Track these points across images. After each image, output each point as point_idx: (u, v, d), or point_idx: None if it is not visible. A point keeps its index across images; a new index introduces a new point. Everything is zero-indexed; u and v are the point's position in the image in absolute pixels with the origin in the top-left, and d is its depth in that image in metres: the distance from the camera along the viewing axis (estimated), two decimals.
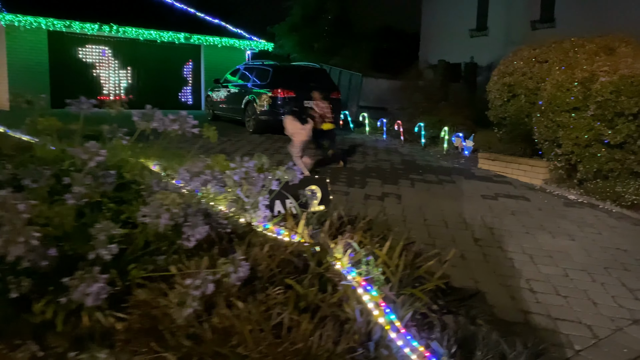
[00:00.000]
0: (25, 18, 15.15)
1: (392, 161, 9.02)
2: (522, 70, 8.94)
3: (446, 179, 7.75)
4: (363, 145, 10.89)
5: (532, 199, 6.94)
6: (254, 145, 9.86)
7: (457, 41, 26.09)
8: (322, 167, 7.95)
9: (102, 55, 17.30)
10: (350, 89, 14.79)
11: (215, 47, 20.05)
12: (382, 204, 6.08)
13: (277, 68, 11.49)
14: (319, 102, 8.52)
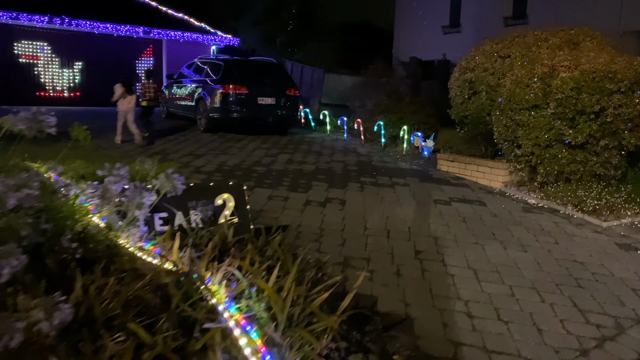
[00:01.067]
0: None
1: (346, 162, 8.49)
2: (484, 66, 8.50)
3: (399, 182, 7.24)
4: (321, 144, 10.34)
5: (489, 204, 6.47)
6: (200, 145, 9.22)
7: (430, 38, 25.79)
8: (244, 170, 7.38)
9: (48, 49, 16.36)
10: (312, 85, 14.23)
11: (177, 42, 19.29)
12: (322, 211, 5.52)
13: (230, 62, 10.87)
14: (144, 82, 10.16)
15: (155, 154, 7.90)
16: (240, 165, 7.50)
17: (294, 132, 12.03)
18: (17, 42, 15.92)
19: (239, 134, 10.87)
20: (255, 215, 5.17)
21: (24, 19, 15.29)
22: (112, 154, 7.75)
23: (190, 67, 12.35)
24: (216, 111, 10.43)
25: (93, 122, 10.19)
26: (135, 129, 8.99)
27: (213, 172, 6.93)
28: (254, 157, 8.27)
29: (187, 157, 7.88)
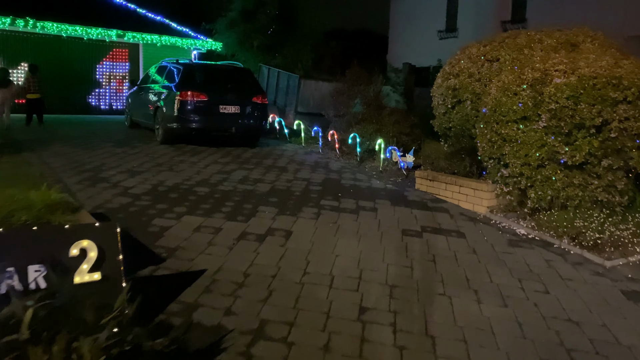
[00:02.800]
0: None
1: (311, 180, 7.47)
2: (469, 71, 7.50)
3: (366, 206, 6.21)
4: (290, 158, 9.33)
5: (469, 235, 5.44)
6: (148, 159, 8.20)
7: (425, 43, 24.94)
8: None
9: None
10: (288, 93, 13.24)
11: (154, 46, 18.34)
12: (256, 248, 4.50)
13: (189, 67, 9.89)
14: (28, 77, 12.48)
15: (83, 171, 6.91)
16: (180, 185, 6.48)
17: (264, 143, 11.02)
18: None
19: (201, 146, 9.85)
20: (167, 255, 4.17)
21: None
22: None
23: (153, 72, 11.36)
24: (173, 120, 9.43)
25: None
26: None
27: (142, 194, 5.91)
28: (203, 175, 7.25)
29: (122, 174, 6.87)
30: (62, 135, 10.61)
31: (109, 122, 14.11)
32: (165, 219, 5.09)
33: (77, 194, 5.66)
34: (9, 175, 6.04)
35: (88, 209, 5.17)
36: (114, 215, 5.04)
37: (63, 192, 5.57)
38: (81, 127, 12.51)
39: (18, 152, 8.16)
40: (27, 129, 11.79)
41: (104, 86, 17.44)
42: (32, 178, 6.02)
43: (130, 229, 4.68)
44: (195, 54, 19.80)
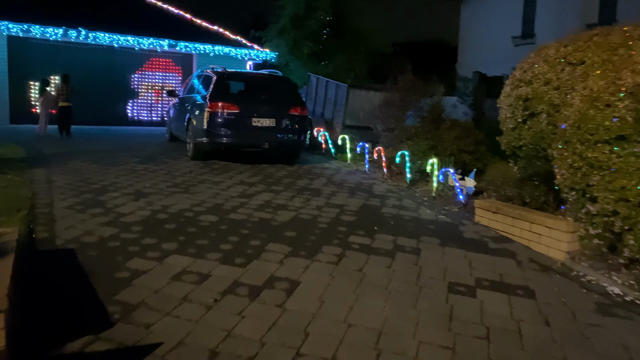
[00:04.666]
0: None
1: (345, 208, 6.32)
2: (546, 77, 6.08)
3: (407, 246, 4.97)
4: (328, 179, 8.23)
5: (541, 294, 4.08)
6: (166, 178, 7.41)
7: (497, 51, 23.13)
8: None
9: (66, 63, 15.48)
10: (336, 103, 12.16)
11: (207, 56, 17.97)
12: (244, 309, 3.43)
13: (222, 76, 9.05)
14: (60, 86, 12.81)
15: (85, 192, 6.16)
16: (185, 212, 5.55)
17: (305, 160, 10.01)
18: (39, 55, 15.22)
19: (233, 163, 9.00)
20: (120, 317, 3.19)
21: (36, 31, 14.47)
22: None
23: (192, 82, 10.70)
24: (202, 134, 8.63)
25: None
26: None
27: (133, 224, 5.01)
28: (219, 198, 6.31)
29: (126, 197, 6.06)
30: (90, 148, 10.15)
31: (151, 135, 13.70)
32: (145, 259, 4.13)
33: (56, 222, 4.85)
34: None
35: (58, 243, 4.33)
36: (84, 253, 4.15)
37: (37, 219, 4.79)
38: (117, 140, 12.12)
39: (31, 167, 7.63)
40: (60, 140, 11.53)
41: (150, 97, 17.24)
42: (15, 201, 5.32)
43: (92, 273, 3.76)
44: (251, 65, 19.29)
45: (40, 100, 12.68)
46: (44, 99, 12.63)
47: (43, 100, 12.61)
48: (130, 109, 17.20)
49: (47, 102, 12.57)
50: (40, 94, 12.76)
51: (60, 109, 12.53)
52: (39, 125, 12.66)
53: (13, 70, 14.96)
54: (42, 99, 12.64)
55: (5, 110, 14.99)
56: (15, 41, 14.87)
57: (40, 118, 12.74)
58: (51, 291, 3.47)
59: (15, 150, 9.20)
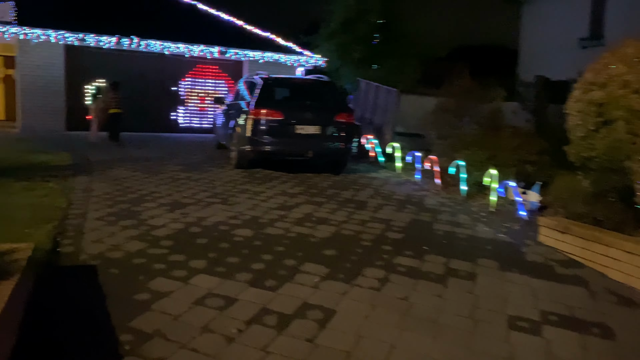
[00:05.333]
0: (33, 31, 14.02)
1: (392, 223, 5.82)
2: (623, 79, 5.39)
3: (461, 269, 4.43)
4: (376, 190, 7.75)
5: (621, 333, 3.45)
6: (207, 187, 7.17)
7: (562, 54, 21.84)
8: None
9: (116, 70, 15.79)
10: (386, 109, 11.63)
11: (257, 63, 17.89)
12: (268, 344, 3.01)
13: (267, 81, 8.75)
14: (110, 94, 12.89)
15: (121, 202, 5.98)
16: (220, 226, 5.24)
17: (353, 170, 9.56)
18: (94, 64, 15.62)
19: (277, 172, 8.69)
20: (130, 349, 2.89)
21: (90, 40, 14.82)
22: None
23: (238, 88, 10.51)
24: (245, 142, 8.37)
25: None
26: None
27: (164, 238, 4.74)
28: (257, 210, 5.97)
29: (161, 208, 5.83)
30: (137, 156, 10.14)
31: (201, 142, 13.67)
32: (169, 279, 3.82)
33: (84, 235, 4.64)
34: (24, 206, 5.26)
35: (82, 258, 4.09)
36: (106, 270, 3.89)
37: (66, 231, 4.59)
38: (166, 147, 12.13)
39: (74, 174, 7.60)
40: (109, 147, 11.64)
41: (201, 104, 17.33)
42: (49, 211, 5.18)
43: (110, 295, 3.47)
44: (302, 71, 19.08)
45: (92, 107, 12.93)
46: (95, 106, 12.87)
47: (94, 108, 12.86)
48: (181, 116, 17.35)
49: (98, 109, 12.81)
50: (92, 101, 13.01)
51: (110, 115, 12.70)
52: (91, 132, 12.89)
53: (69, 78, 15.39)
54: (94, 106, 12.89)
55: (62, 117, 15.41)
56: (71, 50, 15.29)
57: (91, 125, 12.98)
58: (60, 315, 3.20)
59: (63, 158, 9.28)
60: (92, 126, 12.91)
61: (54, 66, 15.18)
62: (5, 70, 18.58)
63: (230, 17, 18.80)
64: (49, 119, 15.17)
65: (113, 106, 12.66)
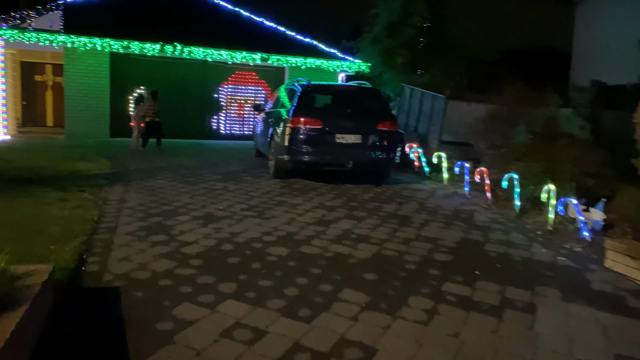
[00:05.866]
0: (79, 39, 14.28)
1: (439, 242, 5.37)
2: None
3: (518, 299, 3.95)
4: (421, 204, 7.29)
5: None
6: (243, 199, 6.92)
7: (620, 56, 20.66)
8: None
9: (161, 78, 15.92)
10: (432, 117, 11.11)
11: (299, 69, 17.69)
12: None
13: (306, 88, 8.44)
14: (150, 102, 12.74)
15: (153, 215, 5.77)
16: (253, 242, 4.94)
17: (396, 180, 9.12)
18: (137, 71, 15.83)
19: (316, 183, 8.36)
20: None
21: (135, 48, 14.97)
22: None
23: (277, 95, 10.27)
24: (283, 152, 8.09)
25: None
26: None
27: (194, 256, 4.47)
28: (294, 226, 5.64)
29: (194, 221, 5.59)
30: (175, 164, 10.03)
31: (241, 150, 13.54)
32: (195, 305, 3.53)
33: (111, 252, 4.43)
34: (54, 218, 5.11)
35: (106, 279, 3.86)
36: (130, 293, 3.64)
37: (93, 247, 4.39)
38: (205, 155, 12.03)
39: (111, 184, 7.50)
40: (149, 155, 11.62)
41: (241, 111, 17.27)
42: (78, 224, 5.01)
43: (131, 322, 3.21)
44: (343, 77, 18.74)
45: (133, 114, 13.01)
46: (136, 113, 12.94)
47: (135, 115, 12.94)
48: (222, 123, 17.33)
49: (138, 117, 12.89)
50: (134, 108, 13.09)
51: (150, 123, 12.74)
52: (132, 139, 12.98)
53: (113, 85, 15.62)
54: (135, 114, 12.97)
55: (106, 123, 15.65)
56: (115, 57, 15.52)
57: (132, 132, 13.06)
58: (73, 346, 2.95)
59: (103, 166, 9.26)
60: (133, 133, 12.98)
61: (100, 74, 15.44)
62: (54, 78, 19.13)
63: (273, 24, 18.73)
64: (93, 125, 15.45)
65: (150, 114, 12.70)
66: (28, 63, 18.95)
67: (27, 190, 6.44)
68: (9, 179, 7.21)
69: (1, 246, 4.15)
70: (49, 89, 19.56)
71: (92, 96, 15.40)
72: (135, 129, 12.99)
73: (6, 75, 15.99)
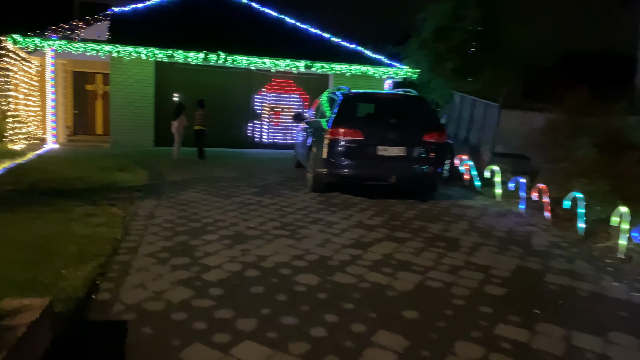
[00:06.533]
0: (124, 48, 14.39)
1: (492, 271, 4.76)
2: None
3: (589, 349, 3.31)
4: (471, 223, 6.66)
5: None
6: (276, 215, 6.50)
7: None
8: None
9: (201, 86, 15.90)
10: (484, 127, 10.37)
11: (343, 76, 17.27)
12: None
13: (347, 98, 7.96)
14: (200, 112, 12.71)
15: (180, 233, 5.44)
16: (280, 268, 4.49)
17: (444, 195, 8.49)
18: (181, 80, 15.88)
19: (356, 197, 7.87)
20: None
21: (179, 56, 14.97)
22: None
23: (319, 104, 9.85)
24: (321, 164, 7.64)
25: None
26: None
27: (215, 284, 4.07)
28: (327, 248, 5.16)
29: (221, 242, 5.21)
30: (213, 175, 9.77)
31: (282, 159, 13.23)
32: (208, 346, 3.11)
33: (127, 277, 4.09)
34: (75, 237, 4.84)
35: (115, 310, 3.51)
36: (137, 329, 3.26)
37: (109, 271, 4.07)
38: (245, 165, 11.77)
39: (143, 197, 7.27)
40: (189, 165, 11.48)
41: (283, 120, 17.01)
42: (98, 244, 4.72)
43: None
44: (390, 84, 18.18)
45: (175, 124, 12.93)
46: (178, 122, 12.87)
47: (178, 124, 12.87)
48: (259, 131, 17.13)
49: (181, 126, 12.84)
50: (175, 117, 13.00)
51: (195, 132, 12.68)
52: (174, 148, 12.91)
53: (158, 94, 15.70)
54: (177, 123, 12.89)
55: (150, 132, 15.73)
56: (160, 66, 15.60)
57: (175, 141, 12.98)
58: None
59: (140, 177, 9.11)
60: (175, 142, 12.92)
61: (145, 83, 15.56)
62: (104, 87, 19.53)
63: (318, 30, 18.41)
64: (138, 134, 15.56)
65: (197, 123, 12.61)
66: (79, 73, 19.46)
67: (56, 204, 6.28)
68: (42, 191, 7.11)
69: (9, 270, 3.89)
70: (98, 97, 20.00)
71: (137, 105, 15.53)
72: (176, 138, 12.94)
73: (58, 84, 16.38)
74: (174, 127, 12.91)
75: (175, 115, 12.92)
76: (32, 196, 6.76)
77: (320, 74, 17.53)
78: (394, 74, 17.51)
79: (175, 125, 12.89)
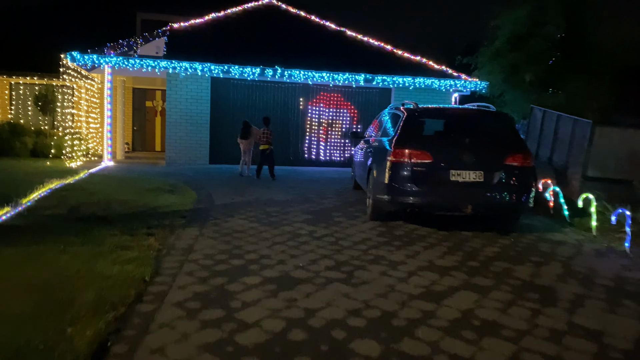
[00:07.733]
0: (180, 64, 14.17)
1: (607, 338, 3.67)
2: None
3: None
4: (566, 264, 5.53)
5: None
6: (333, 251, 5.64)
7: None
8: None
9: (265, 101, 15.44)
10: (572, 146, 9.07)
11: (407, 90, 16.33)
12: None
13: (413, 114, 7.03)
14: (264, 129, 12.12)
15: (218, 274, 4.71)
16: (333, 329, 3.62)
17: (526, 227, 7.34)
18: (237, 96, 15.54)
19: (423, 228, 6.90)
20: None
21: (235, 72, 14.56)
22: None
23: (379, 121, 8.98)
24: (382, 190, 6.73)
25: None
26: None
27: (250, 349, 3.25)
28: (392, 300, 4.24)
29: (265, 285, 4.43)
30: (266, 198, 9.09)
31: (339, 179, 12.43)
32: None
33: (146, 337, 3.35)
34: (97, 278, 4.20)
35: None
36: None
37: (125, 327, 3.35)
38: (301, 186, 11.03)
39: (185, 225, 6.64)
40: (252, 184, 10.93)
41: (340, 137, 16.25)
42: (122, 287, 4.04)
43: None
44: (457, 97, 17.02)
45: (243, 142, 12.49)
46: (247, 141, 12.40)
47: (246, 143, 12.43)
48: (322, 149, 16.42)
49: (251, 144, 12.44)
50: (244, 136, 12.50)
51: (261, 152, 12.20)
52: (241, 166, 12.60)
53: (213, 111, 15.40)
54: (245, 141, 12.44)
55: (206, 150, 15.42)
56: (215, 83, 15.31)
57: (244, 160, 12.71)
58: None
59: (187, 199, 8.57)
60: (247, 161, 12.64)
61: (201, 99, 15.30)
62: (162, 104, 19.55)
63: (379, 42, 17.58)
64: (193, 152, 15.28)
65: (264, 142, 12.13)
66: (139, 89, 19.62)
67: (89, 233, 5.74)
68: (80, 217, 6.64)
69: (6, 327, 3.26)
70: (157, 114, 20.08)
71: (193, 122, 15.27)
72: (243, 157, 12.67)
73: (116, 101, 16.43)
74: (244, 144, 12.46)
75: (245, 134, 12.46)
76: (69, 223, 6.29)
77: (381, 88, 16.67)
78: (461, 86, 16.33)
79: (244, 143, 12.49)
